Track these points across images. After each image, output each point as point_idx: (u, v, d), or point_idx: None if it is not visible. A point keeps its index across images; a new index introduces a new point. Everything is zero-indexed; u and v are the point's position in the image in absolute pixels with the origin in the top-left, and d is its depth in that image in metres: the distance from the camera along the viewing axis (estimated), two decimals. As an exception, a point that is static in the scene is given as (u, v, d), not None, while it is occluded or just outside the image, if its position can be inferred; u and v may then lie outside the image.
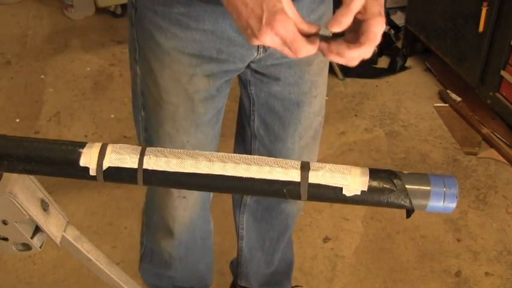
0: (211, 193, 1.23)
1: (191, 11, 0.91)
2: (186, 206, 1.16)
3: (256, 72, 1.07)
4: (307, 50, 0.72)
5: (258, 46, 0.97)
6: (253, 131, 1.18)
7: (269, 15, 0.70)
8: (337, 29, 0.73)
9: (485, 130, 2.26)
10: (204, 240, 1.32)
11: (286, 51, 0.73)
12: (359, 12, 0.74)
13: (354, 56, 0.74)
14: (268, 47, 0.97)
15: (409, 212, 0.74)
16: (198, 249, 1.32)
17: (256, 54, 0.99)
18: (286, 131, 1.16)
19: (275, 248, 1.42)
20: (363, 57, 0.75)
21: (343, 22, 0.72)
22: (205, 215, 1.26)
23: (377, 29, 0.74)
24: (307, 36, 0.73)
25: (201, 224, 1.25)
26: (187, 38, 0.94)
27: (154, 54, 0.97)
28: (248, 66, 1.05)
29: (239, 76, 1.10)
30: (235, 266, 1.51)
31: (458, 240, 1.86)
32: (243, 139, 1.23)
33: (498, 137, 2.22)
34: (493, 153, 2.18)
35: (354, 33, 0.75)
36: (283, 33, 0.70)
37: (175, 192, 1.11)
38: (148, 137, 1.10)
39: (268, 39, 0.71)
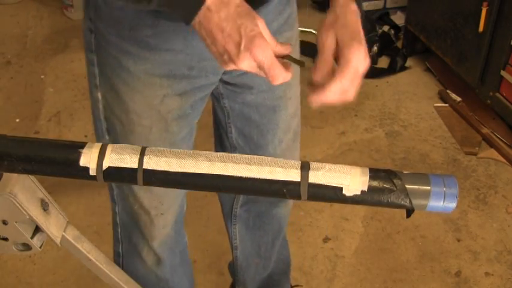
0: (185, 207, 1.21)
1: (159, 31, 0.88)
2: (165, 223, 1.14)
3: (228, 83, 1.05)
4: (284, 77, 0.73)
5: None
6: (232, 142, 1.17)
7: (247, 40, 0.69)
8: (321, 77, 0.76)
9: (485, 130, 2.26)
10: (183, 255, 1.30)
11: (261, 74, 0.73)
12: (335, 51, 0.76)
13: (330, 93, 0.74)
14: None
15: (409, 211, 0.74)
16: (180, 267, 1.30)
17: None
18: (265, 138, 1.14)
19: (271, 252, 1.41)
20: (344, 91, 0.74)
21: (324, 69, 0.75)
22: (181, 229, 1.25)
23: (352, 56, 0.74)
24: (281, 58, 0.74)
25: (179, 239, 1.24)
26: (157, 60, 0.91)
27: (122, 80, 0.94)
28: (219, 79, 1.03)
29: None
30: (233, 270, 1.51)
31: (458, 240, 1.86)
32: (223, 150, 1.22)
33: (498, 137, 2.22)
34: (493, 153, 2.18)
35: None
36: (262, 59, 0.70)
37: (152, 210, 1.10)
38: None
39: (246, 64, 0.71)
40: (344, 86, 0.74)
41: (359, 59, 0.74)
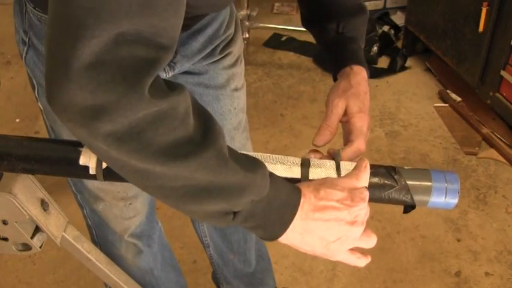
0: None
1: None
2: (134, 211, 1.14)
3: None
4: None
5: (164, 68, 0.93)
6: None
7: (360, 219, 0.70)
8: (322, 142, 0.83)
9: (485, 130, 2.25)
10: (160, 241, 1.31)
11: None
12: (343, 116, 0.84)
13: (349, 155, 0.80)
14: (176, 67, 0.96)
15: (407, 207, 0.74)
16: (160, 253, 1.31)
17: (164, 75, 0.96)
18: None
19: (245, 248, 1.40)
20: (359, 153, 0.81)
21: (326, 135, 0.83)
22: (153, 216, 1.24)
23: (360, 123, 0.83)
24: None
25: (152, 225, 1.24)
26: None
27: None
28: None
29: None
30: (215, 276, 1.52)
31: (458, 240, 1.86)
32: None
33: (498, 137, 2.22)
34: (493, 153, 2.18)
35: (345, 135, 0.85)
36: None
37: (121, 202, 1.10)
38: None
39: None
40: (360, 149, 0.82)
41: (365, 127, 0.84)
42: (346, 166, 0.73)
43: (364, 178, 0.71)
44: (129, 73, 0.52)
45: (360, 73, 0.89)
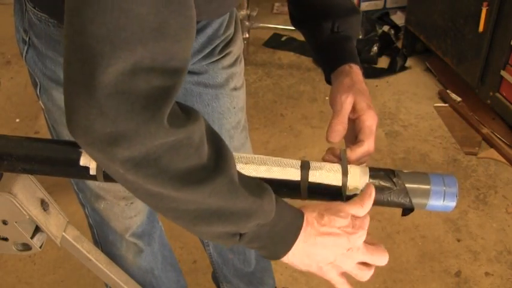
0: None
1: None
2: (136, 211, 1.15)
3: None
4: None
5: None
6: None
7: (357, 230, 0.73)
8: (337, 139, 0.81)
9: (485, 130, 2.25)
10: (161, 240, 1.31)
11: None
12: (350, 112, 0.82)
13: (358, 155, 0.79)
14: None
15: (406, 210, 0.74)
16: (160, 253, 1.31)
17: None
18: None
19: (244, 247, 1.41)
20: (368, 154, 0.80)
21: (339, 131, 0.82)
22: (153, 216, 1.25)
23: (370, 121, 0.83)
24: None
25: (153, 224, 1.25)
26: None
27: (61, 91, 0.92)
28: None
29: None
30: (215, 276, 1.52)
31: (458, 240, 1.86)
32: None
33: (498, 137, 2.22)
34: (493, 153, 2.18)
35: (350, 132, 0.83)
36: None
37: (122, 202, 1.10)
38: None
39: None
40: (370, 149, 0.82)
41: (374, 126, 0.84)
42: (351, 169, 0.73)
43: (369, 205, 0.72)
44: (148, 103, 0.54)
45: (358, 72, 0.89)
